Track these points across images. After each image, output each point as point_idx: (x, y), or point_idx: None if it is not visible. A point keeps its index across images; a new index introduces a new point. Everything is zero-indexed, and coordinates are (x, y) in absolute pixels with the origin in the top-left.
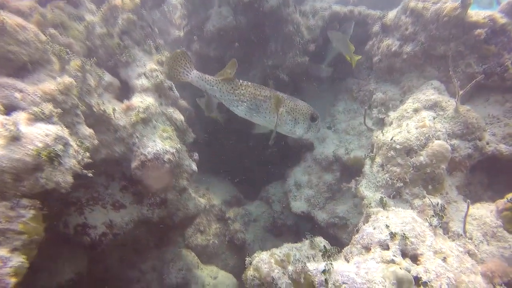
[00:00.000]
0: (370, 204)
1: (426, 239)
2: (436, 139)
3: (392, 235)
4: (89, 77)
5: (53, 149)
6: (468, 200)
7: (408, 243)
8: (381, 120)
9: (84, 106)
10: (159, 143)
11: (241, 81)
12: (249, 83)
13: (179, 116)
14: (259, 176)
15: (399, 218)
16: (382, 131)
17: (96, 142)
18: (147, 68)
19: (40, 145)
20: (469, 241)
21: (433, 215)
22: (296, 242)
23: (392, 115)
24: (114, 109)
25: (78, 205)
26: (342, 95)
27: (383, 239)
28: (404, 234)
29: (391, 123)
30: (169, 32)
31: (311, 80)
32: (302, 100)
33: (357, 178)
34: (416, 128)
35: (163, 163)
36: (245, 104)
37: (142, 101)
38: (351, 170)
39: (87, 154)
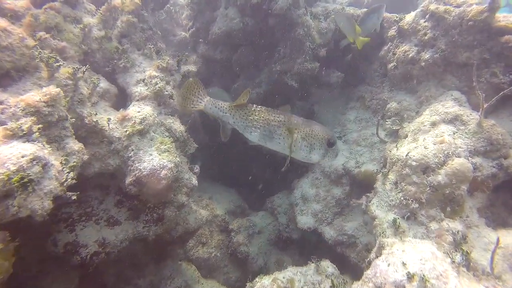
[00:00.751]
0: (382, 225)
1: (449, 281)
2: (456, 157)
3: (410, 276)
4: (81, 85)
5: (27, 173)
6: (498, 236)
7: (429, 285)
8: (395, 132)
9: (75, 118)
10: (156, 157)
11: (254, 106)
12: (263, 108)
13: (179, 126)
14: (265, 184)
15: (417, 253)
16: (396, 145)
17: (85, 157)
18: (146, 74)
19: (13, 168)
20: (499, 283)
21: (455, 250)
22: (302, 257)
23: (408, 127)
24: (109, 120)
25: (69, 222)
26: (353, 103)
27: (399, 279)
28: (423, 275)
29: (406, 136)
30: (175, 33)
31: (320, 86)
32: (318, 123)
33: (368, 194)
34: (434, 144)
35: (159, 179)
36: (259, 130)
37: (139, 110)
38: (361, 184)
39: (72, 174)
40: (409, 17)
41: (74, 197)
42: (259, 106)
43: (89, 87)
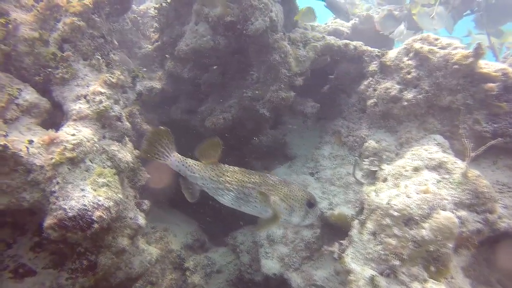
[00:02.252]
0: (357, 281)
1: None
2: (441, 210)
3: None
4: None
5: None
6: None
7: None
8: (372, 173)
9: None
10: (90, 193)
11: (226, 166)
12: (236, 168)
13: (125, 155)
14: (228, 217)
15: None
16: (375, 190)
17: None
18: (90, 89)
19: None
20: None
21: None
22: None
23: (387, 169)
24: (30, 142)
25: None
26: (328, 138)
27: None
28: None
29: (385, 180)
30: (141, 46)
31: (294, 114)
32: (295, 182)
33: (341, 241)
34: (417, 193)
35: (90, 222)
36: (232, 193)
37: (74, 133)
38: (334, 227)
39: None
40: (392, 53)
41: None
42: (231, 166)
43: (3, 99)
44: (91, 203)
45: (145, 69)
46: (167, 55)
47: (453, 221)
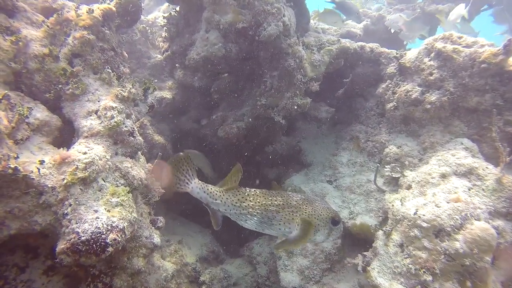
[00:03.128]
0: None
1: None
2: (475, 220)
3: None
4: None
5: None
6: None
7: None
8: (394, 180)
9: None
10: (104, 215)
11: (248, 189)
12: (257, 191)
13: (139, 172)
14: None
15: None
16: (400, 199)
17: None
18: (101, 104)
19: None
20: None
21: None
22: None
23: (410, 176)
24: (41, 162)
25: None
26: (346, 144)
27: None
28: None
29: (409, 187)
30: (150, 56)
31: (308, 120)
32: (318, 198)
33: (365, 253)
34: (448, 202)
35: (105, 246)
36: (255, 218)
37: (86, 151)
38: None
39: None
40: (411, 54)
41: None
42: (253, 190)
43: (14, 119)
44: (105, 225)
45: (156, 80)
46: (177, 65)
47: (490, 232)
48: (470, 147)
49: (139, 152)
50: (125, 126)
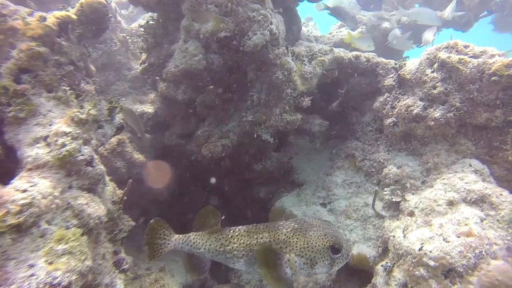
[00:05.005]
0: None
1: None
2: (492, 258)
3: None
4: None
5: None
6: None
7: None
8: (395, 204)
9: None
10: (42, 270)
11: (231, 230)
12: (242, 230)
13: (96, 209)
14: None
15: None
16: (402, 228)
17: None
18: (52, 129)
19: None
20: None
21: None
22: None
23: (413, 200)
24: None
25: None
26: (341, 162)
27: None
28: None
29: (411, 214)
30: (130, 67)
31: (300, 134)
32: (315, 222)
33: None
34: (458, 236)
35: None
36: (242, 259)
37: (27, 188)
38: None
39: None
40: (412, 65)
41: None
42: (237, 229)
43: None
44: (42, 284)
45: (123, 98)
46: (157, 78)
47: (510, 275)
48: (480, 170)
49: (106, 178)
50: (81, 155)
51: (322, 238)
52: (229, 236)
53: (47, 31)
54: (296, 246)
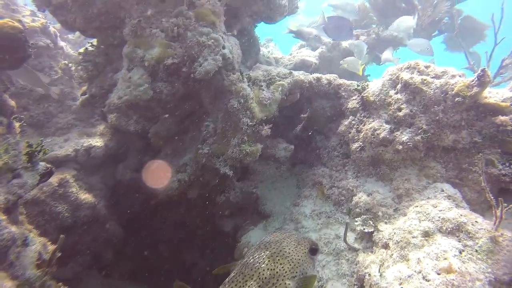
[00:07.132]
0: None
1: None
2: None
3: None
4: None
5: None
6: None
7: None
8: (368, 235)
9: None
10: None
11: None
12: None
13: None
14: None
15: None
16: (378, 264)
17: None
18: None
19: None
20: None
21: None
22: None
23: (386, 231)
24: None
25: None
26: (308, 191)
27: None
28: None
29: (386, 246)
30: (75, 97)
31: (264, 160)
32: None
33: None
34: (438, 273)
35: None
36: None
37: None
38: None
39: None
40: (374, 86)
41: None
42: None
43: None
44: None
45: (49, 140)
46: (102, 109)
47: None
48: (453, 195)
49: (29, 237)
50: None
51: (299, 247)
52: None
53: None
54: (285, 272)
